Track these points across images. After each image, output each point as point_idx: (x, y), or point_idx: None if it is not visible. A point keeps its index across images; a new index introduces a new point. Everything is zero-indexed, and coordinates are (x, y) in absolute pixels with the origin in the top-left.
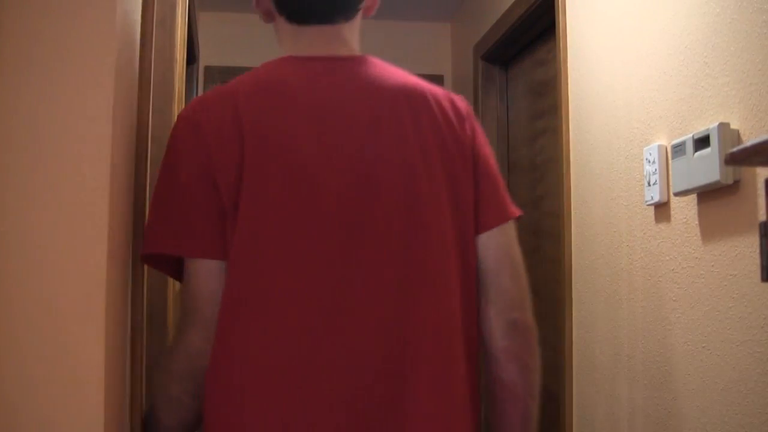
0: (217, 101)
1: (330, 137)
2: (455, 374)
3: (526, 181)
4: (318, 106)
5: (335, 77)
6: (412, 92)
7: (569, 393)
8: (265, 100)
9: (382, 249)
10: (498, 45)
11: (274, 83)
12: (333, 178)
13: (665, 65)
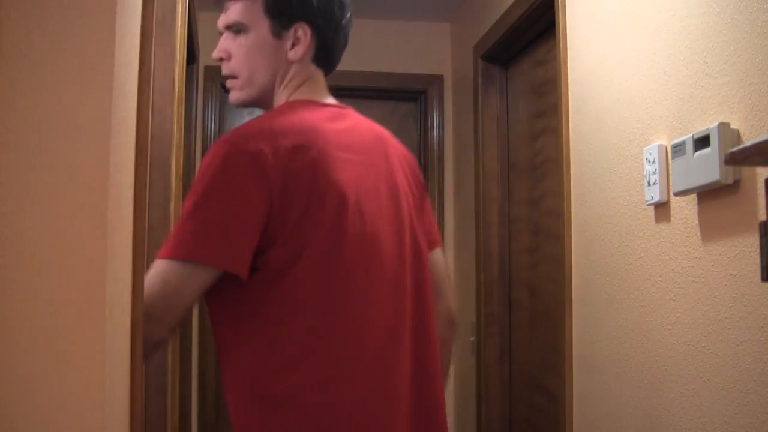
0: (270, 137)
1: (369, 183)
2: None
3: (526, 181)
4: (356, 151)
5: (347, 123)
6: (395, 142)
7: (569, 393)
8: (314, 147)
9: (407, 281)
10: (498, 45)
11: (314, 128)
12: (384, 229)
13: (665, 65)
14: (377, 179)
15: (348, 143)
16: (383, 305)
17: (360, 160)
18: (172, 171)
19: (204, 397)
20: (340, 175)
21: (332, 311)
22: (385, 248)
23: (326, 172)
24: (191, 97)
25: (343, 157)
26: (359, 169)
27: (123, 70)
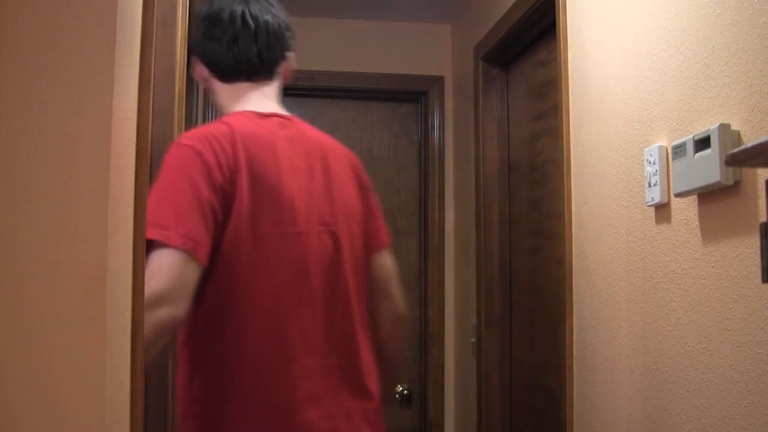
0: (218, 137)
1: (299, 178)
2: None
3: (526, 181)
4: (288, 152)
5: (285, 131)
6: (339, 148)
7: (569, 393)
8: (251, 145)
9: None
10: (498, 46)
11: (257, 130)
12: (308, 215)
13: (665, 66)
14: (318, 181)
15: (284, 150)
16: (289, 304)
17: (296, 164)
18: None
19: None
20: (274, 178)
21: (227, 303)
22: (297, 247)
23: (258, 171)
24: (192, 98)
25: (279, 160)
26: (294, 170)
27: (123, 70)
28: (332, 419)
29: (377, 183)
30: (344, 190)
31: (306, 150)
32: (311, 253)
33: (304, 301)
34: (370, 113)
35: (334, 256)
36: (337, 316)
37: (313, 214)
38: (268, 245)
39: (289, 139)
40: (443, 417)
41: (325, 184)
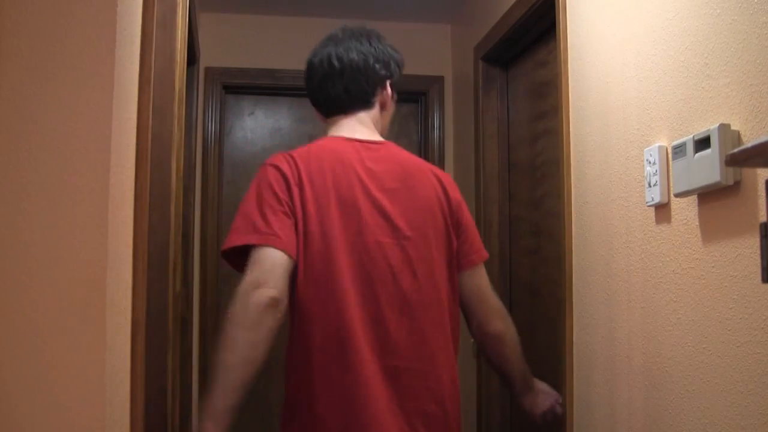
0: (293, 156)
1: (368, 192)
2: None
3: (526, 181)
4: (359, 169)
5: (369, 153)
6: (418, 167)
7: (569, 393)
8: (330, 160)
9: (407, 280)
10: (498, 46)
11: (335, 149)
12: (375, 226)
13: (665, 66)
14: (392, 197)
15: (362, 165)
16: (335, 310)
17: (374, 179)
18: (172, 172)
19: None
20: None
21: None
22: (342, 261)
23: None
24: (192, 98)
25: (355, 173)
26: (369, 185)
27: (123, 70)
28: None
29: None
30: (420, 208)
31: (385, 170)
32: (376, 261)
33: (368, 308)
34: None
35: (402, 267)
36: (404, 325)
37: (382, 227)
38: (332, 252)
39: (370, 159)
40: None
41: (399, 201)
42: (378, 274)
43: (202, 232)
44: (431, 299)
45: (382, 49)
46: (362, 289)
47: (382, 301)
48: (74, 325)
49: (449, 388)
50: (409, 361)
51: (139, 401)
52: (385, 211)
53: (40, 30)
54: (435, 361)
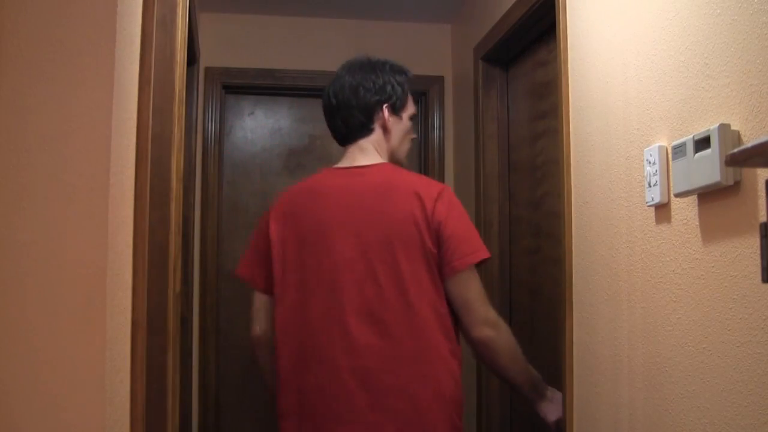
0: (284, 195)
1: (338, 215)
2: None
3: (526, 181)
4: (333, 196)
5: (350, 179)
6: (396, 186)
7: (569, 393)
8: (303, 195)
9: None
10: (498, 46)
11: (312, 184)
12: (342, 245)
13: (665, 66)
14: (358, 218)
15: (333, 193)
16: (317, 310)
17: (340, 204)
18: (172, 172)
19: (205, 398)
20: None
21: (281, 310)
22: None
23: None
24: (192, 98)
25: (324, 201)
26: (335, 209)
27: (123, 70)
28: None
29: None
30: (389, 224)
31: (362, 191)
32: (343, 275)
33: (332, 315)
34: None
35: (365, 278)
36: (372, 329)
37: (348, 245)
38: (305, 271)
39: (351, 183)
40: None
41: (367, 219)
42: (343, 286)
43: (202, 232)
44: (398, 305)
45: (377, 75)
46: (327, 302)
47: (347, 309)
48: (74, 325)
49: (426, 385)
50: (380, 362)
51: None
52: (352, 229)
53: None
54: (406, 361)
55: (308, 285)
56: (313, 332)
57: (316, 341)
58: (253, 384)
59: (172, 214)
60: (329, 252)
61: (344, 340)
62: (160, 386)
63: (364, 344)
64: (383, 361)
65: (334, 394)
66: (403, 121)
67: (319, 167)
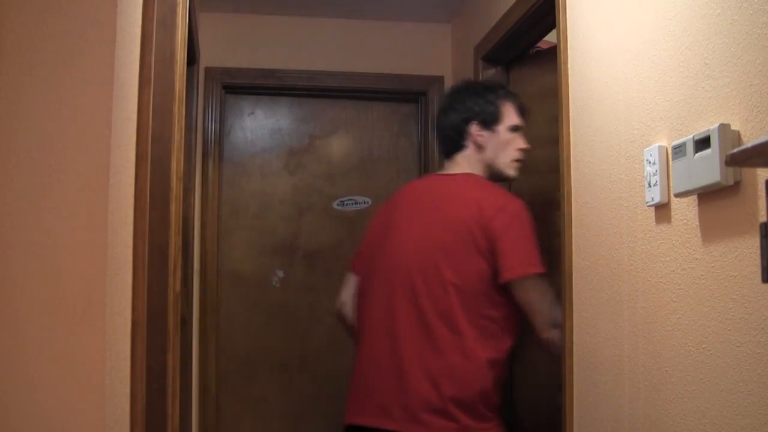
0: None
1: (408, 220)
2: None
3: (526, 181)
4: (409, 200)
5: (430, 184)
6: (465, 197)
7: (569, 393)
8: (396, 197)
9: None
10: (498, 46)
11: (405, 189)
12: (408, 248)
13: (666, 66)
14: (423, 223)
15: (410, 198)
16: (379, 308)
17: (413, 208)
18: (172, 172)
19: (205, 398)
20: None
21: (361, 302)
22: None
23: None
24: (191, 98)
25: (401, 204)
26: (407, 212)
27: (123, 70)
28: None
29: (377, 183)
30: (445, 227)
31: (433, 196)
32: (396, 269)
33: (383, 305)
34: (370, 113)
35: (414, 271)
36: (413, 316)
37: (404, 241)
38: (372, 270)
39: (431, 188)
40: None
41: (427, 221)
42: (395, 278)
43: (202, 232)
44: (438, 295)
45: (463, 97)
46: (381, 290)
47: (395, 297)
48: (74, 326)
49: (451, 369)
50: (414, 344)
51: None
52: (414, 227)
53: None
54: (437, 344)
55: (373, 271)
56: (365, 317)
57: (364, 325)
58: (253, 384)
59: (172, 214)
60: (391, 245)
61: (390, 327)
62: (160, 386)
63: (406, 330)
64: (418, 344)
65: (370, 370)
66: (499, 134)
67: (318, 167)
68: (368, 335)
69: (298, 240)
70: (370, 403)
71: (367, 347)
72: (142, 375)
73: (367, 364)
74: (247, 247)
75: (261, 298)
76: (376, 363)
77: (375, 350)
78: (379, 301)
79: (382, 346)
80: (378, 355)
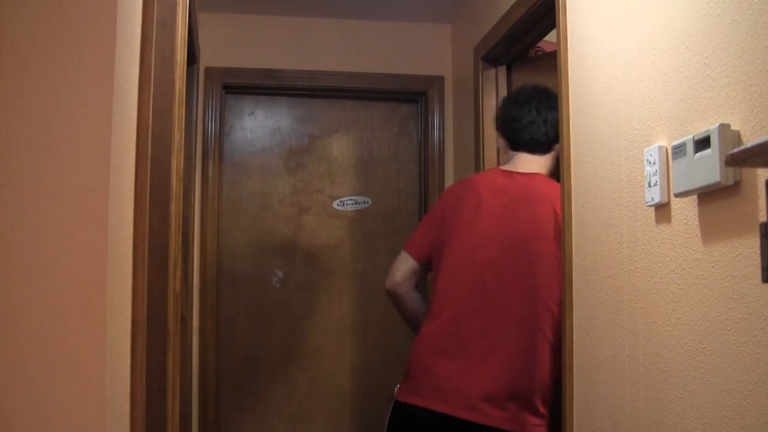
0: (456, 186)
1: (487, 216)
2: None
3: None
4: (489, 195)
5: (508, 181)
6: (541, 194)
7: (570, 393)
8: (468, 188)
9: (511, 281)
10: (498, 46)
11: (478, 181)
12: (488, 242)
13: (666, 66)
14: (503, 220)
15: (493, 191)
16: (464, 293)
17: (492, 205)
18: (172, 172)
19: (205, 398)
20: (463, 214)
21: (440, 287)
22: (477, 258)
23: (461, 207)
24: (192, 98)
25: (480, 198)
26: (486, 207)
27: (123, 70)
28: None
29: (377, 183)
30: (532, 227)
31: (510, 195)
32: (485, 266)
33: (475, 303)
34: (370, 113)
35: (507, 271)
36: (483, 307)
37: (494, 241)
38: (452, 257)
39: (500, 189)
40: None
41: (513, 223)
42: (466, 266)
43: (202, 232)
44: (513, 288)
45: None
46: (474, 280)
47: (469, 287)
48: (74, 325)
49: (513, 364)
50: (478, 334)
51: (139, 401)
52: (491, 220)
53: (41, 30)
54: (499, 337)
55: (449, 261)
56: (443, 297)
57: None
58: (254, 384)
59: (172, 214)
60: (475, 255)
61: (463, 308)
62: (160, 386)
63: (475, 317)
64: (482, 336)
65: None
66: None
67: (318, 167)
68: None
69: (298, 240)
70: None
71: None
72: (142, 375)
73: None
74: (247, 247)
75: (261, 298)
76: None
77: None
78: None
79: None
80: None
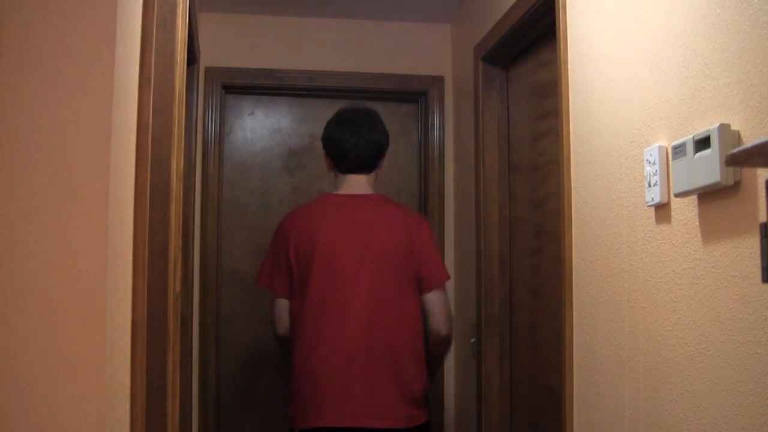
0: (298, 214)
1: (345, 235)
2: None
3: (527, 182)
4: (338, 218)
5: (353, 202)
6: (391, 215)
7: (569, 393)
8: (314, 215)
9: (363, 295)
10: (498, 46)
11: (321, 206)
12: (348, 259)
13: (666, 66)
14: (360, 237)
15: (334, 217)
16: (338, 313)
17: (343, 225)
18: (172, 172)
19: (205, 398)
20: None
21: (310, 312)
22: (345, 278)
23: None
24: (192, 99)
25: (331, 223)
26: (336, 233)
27: (123, 71)
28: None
29: (377, 183)
30: (381, 246)
31: (352, 219)
32: (341, 278)
33: (333, 314)
34: None
35: (357, 290)
36: (363, 318)
37: (347, 263)
38: (315, 282)
39: (341, 215)
40: (443, 417)
41: (362, 242)
42: (340, 286)
43: (202, 232)
44: (387, 300)
45: (379, 120)
46: (330, 299)
47: (348, 304)
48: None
49: (403, 355)
50: (368, 340)
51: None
52: (358, 249)
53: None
54: (387, 338)
55: (326, 291)
56: (319, 324)
57: (319, 336)
58: (254, 384)
59: (172, 214)
60: (336, 277)
61: (342, 330)
62: (160, 386)
63: (359, 329)
64: (372, 340)
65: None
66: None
67: (318, 167)
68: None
69: None
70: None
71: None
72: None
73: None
74: (247, 247)
75: (261, 298)
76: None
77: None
78: (327, 311)
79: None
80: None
